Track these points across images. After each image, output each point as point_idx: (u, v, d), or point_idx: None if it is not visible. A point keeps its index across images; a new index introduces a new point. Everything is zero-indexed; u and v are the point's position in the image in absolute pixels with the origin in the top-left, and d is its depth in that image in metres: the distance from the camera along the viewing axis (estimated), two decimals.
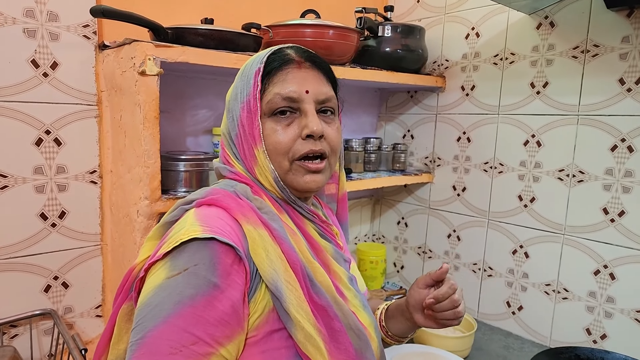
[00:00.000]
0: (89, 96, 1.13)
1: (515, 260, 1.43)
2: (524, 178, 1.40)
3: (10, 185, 1.04)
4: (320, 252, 0.74)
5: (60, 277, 1.13)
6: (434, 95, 1.64)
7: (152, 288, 0.58)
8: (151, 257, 0.63)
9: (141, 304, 0.58)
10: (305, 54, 0.74)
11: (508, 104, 1.43)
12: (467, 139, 1.54)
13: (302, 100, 0.71)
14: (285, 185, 0.72)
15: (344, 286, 0.75)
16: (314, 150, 0.71)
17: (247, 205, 0.68)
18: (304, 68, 0.73)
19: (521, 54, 1.39)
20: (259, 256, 0.63)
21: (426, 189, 1.68)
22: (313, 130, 0.70)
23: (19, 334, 1.09)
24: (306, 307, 0.64)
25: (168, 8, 1.24)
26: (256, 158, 0.71)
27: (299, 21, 1.23)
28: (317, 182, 0.73)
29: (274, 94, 0.70)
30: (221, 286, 0.58)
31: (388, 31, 1.44)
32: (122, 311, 0.67)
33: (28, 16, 1.02)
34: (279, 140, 0.70)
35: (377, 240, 1.89)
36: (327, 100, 0.74)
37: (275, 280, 0.62)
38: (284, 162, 0.71)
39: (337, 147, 0.75)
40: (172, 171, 1.09)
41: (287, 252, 0.66)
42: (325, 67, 0.77)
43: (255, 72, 0.71)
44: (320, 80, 0.74)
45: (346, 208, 0.95)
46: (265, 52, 0.74)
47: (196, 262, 0.58)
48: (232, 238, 0.61)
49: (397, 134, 1.77)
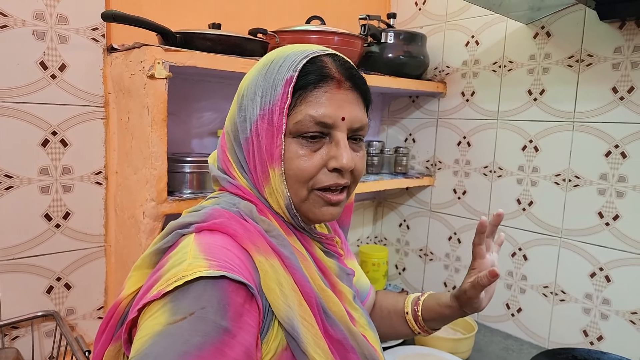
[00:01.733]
0: (96, 98, 1.13)
1: (515, 263, 1.45)
2: (522, 182, 1.43)
3: (15, 185, 1.04)
4: (328, 275, 0.68)
5: (63, 279, 1.13)
6: (435, 100, 1.67)
7: (150, 335, 0.49)
8: (143, 292, 0.54)
9: (137, 354, 0.48)
10: (346, 72, 0.64)
11: (506, 110, 1.46)
12: (467, 144, 1.57)
13: (336, 127, 0.62)
14: (298, 213, 0.65)
15: (349, 306, 0.70)
16: (339, 184, 0.64)
17: (254, 229, 0.60)
18: (344, 89, 0.63)
19: (519, 62, 1.43)
20: (273, 292, 0.56)
21: (427, 192, 1.70)
22: (343, 164, 0.62)
23: (20, 336, 1.08)
24: (323, 344, 0.59)
25: (176, 13, 1.25)
26: (269, 178, 0.63)
27: (305, 27, 1.25)
28: (333, 214, 0.66)
29: (305, 114, 0.61)
30: (232, 331, 0.50)
31: (391, 38, 1.47)
32: (108, 353, 0.59)
33: (38, 19, 1.03)
34: (303, 167, 0.61)
35: (379, 242, 1.91)
36: (360, 129, 0.66)
37: (291, 319, 0.56)
38: (301, 191, 0.63)
39: (360, 176, 0.68)
40: (178, 173, 1.09)
41: (300, 283, 0.60)
42: (365, 88, 0.68)
43: (287, 80, 0.61)
44: (358, 104, 0.66)
45: (350, 215, 0.90)
46: (300, 57, 0.63)
47: (203, 304, 0.50)
48: (243, 273, 0.53)
49: (399, 137, 1.79)
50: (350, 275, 0.76)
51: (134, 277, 0.60)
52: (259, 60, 0.69)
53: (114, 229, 1.17)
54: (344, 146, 0.62)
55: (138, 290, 0.58)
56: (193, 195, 1.07)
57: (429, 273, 1.71)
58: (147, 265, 0.61)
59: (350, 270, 0.76)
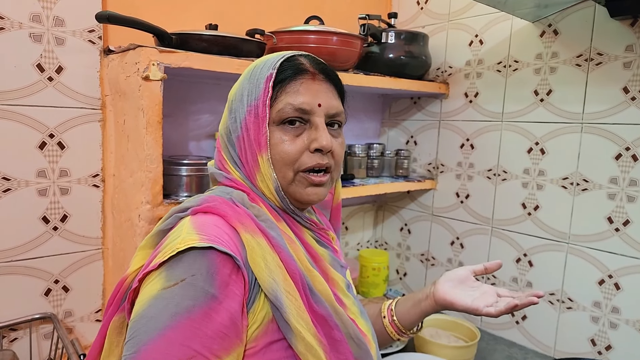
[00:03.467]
0: (93, 100, 1.13)
1: (519, 269, 1.42)
2: (527, 186, 1.39)
3: (13, 188, 1.05)
4: (319, 260, 0.73)
5: (60, 281, 1.13)
6: (437, 101, 1.64)
7: (147, 299, 0.56)
8: (145, 266, 0.61)
9: (135, 316, 0.56)
10: (319, 66, 0.73)
11: (512, 111, 1.42)
12: (471, 146, 1.54)
13: (314, 113, 0.70)
14: (286, 195, 0.71)
15: (342, 293, 0.74)
16: (321, 164, 0.70)
17: (245, 212, 0.66)
18: (318, 80, 0.71)
19: (525, 62, 1.39)
20: (258, 265, 0.61)
21: (429, 196, 1.67)
22: (323, 145, 0.69)
23: (18, 338, 1.09)
24: (306, 317, 0.63)
25: (173, 14, 1.24)
26: (259, 165, 0.70)
27: (302, 27, 1.23)
28: (319, 194, 0.72)
29: (285, 103, 0.69)
30: (219, 297, 0.56)
31: (392, 38, 1.44)
32: (113, 323, 0.65)
33: (34, 21, 1.03)
34: (287, 150, 0.69)
35: (380, 246, 1.88)
36: (337, 115, 0.73)
37: (275, 290, 0.61)
38: (288, 173, 0.69)
39: (340, 160, 0.75)
40: (174, 176, 1.09)
41: (285, 261, 0.65)
42: (337, 80, 0.76)
43: (267, 77, 0.69)
44: (332, 93, 0.73)
45: (339, 217, 0.94)
46: (278, 58, 0.72)
47: (193, 272, 0.56)
48: (231, 247, 0.60)
49: (400, 140, 1.77)
50: (344, 267, 0.81)
51: (139, 256, 0.67)
52: (245, 70, 0.76)
53: (112, 232, 1.17)
54: (323, 129, 0.70)
55: (142, 266, 0.64)
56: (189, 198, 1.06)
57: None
58: (150, 246, 0.68)
59: (344, 263, 0.81)
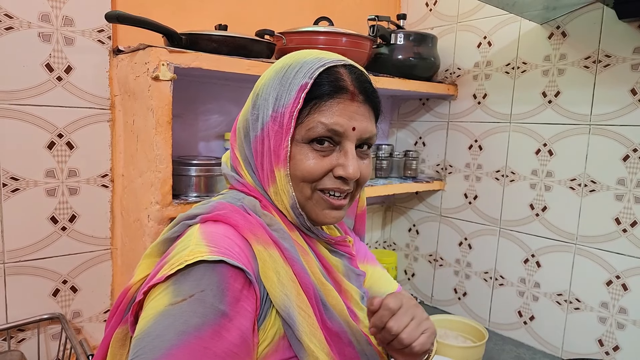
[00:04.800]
0: (102, 100, 1.13)
1: (527, 270, 1.42)
2: (535, 187, 1.39)
3: (22, 188, 1.04)
4: (332, 272, 0.70)
5: (69, 281, 1.13)
6: (445, 103, 1.64)
7: (153, 315, 0.52)
8: (150, 277, 0.58)
9: (140, 333, 0.52)
10: (361, 85, 0.66)
11: (520, 113, 1.42)
12: (479, 147, 1.54)
13: (346, 137, 0.64)
14: (303, 212, 0.66)
15: (355, 305, 0.70)
16: (342, 189, 0.66)
17: (256, 221, 0.63)
18: (357, 102, 0.65)
19: (533, 63, 1.39)
20: (270, 280, 0.58)
21: (437, 197, 1.67)
22: (349, 174, 0.64)
23: (26, 338, 1.08)
24: (320, 335, 0.60)
25: (183, 14, 1.24)
26: (275, 178, 0.65)
27: (312, 28, 1.23)
28: (336, 218, 0.67)
29: (318, 122, 0.63)
30: (230, 314, 0.53)
31: (401, 39, 1.44)
32: (116, 335, 0.62)
33: (44, 20, 1.03)
34: (311, 169, 0.63)
35: (388, 247, 1.88)
36: (369, 138, 0.68)
37: (287, 307, 0.58)
38: (306, 189, 0.65)
39: (365, 183, 0.70)
40: (184, 176, 1.08)
41: (299, 274, 0.61)
42: (377, 101, 0.69)
43: (301, 86, 0.63)
44: (369, 117, 0.68)
45: (364, 223, 0.90)
46: (316, 65, 0.64)
47: (203, 287, 0.53)
48: (242, 260, 0.56)
49: (408, 141, 1.77)
50: (361, 276, 0.76)
51: (144, 265, 0.64)
52: (277, 62, 0.70)
53: (120, 232, 1.17)
54: (352, 156, 0.65)
55: (147, 276, 0.61)
56: (199, 198, 1.06)
57: (438, 279, 1.68)
58: (156, 254, 0.64)
59: (360, 272, 0.77)
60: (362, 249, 0.89)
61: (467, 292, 1.59)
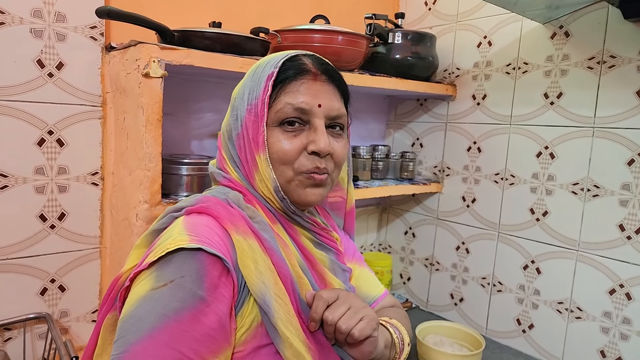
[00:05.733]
0: (94, 97, 1.12)
1: (527, 276, 1.38)
2: (536, 191, 1.36)
3: (10, 185, 1.03)
4: (315, 264, 0.72)
5: (57, 280, 1.12)
6: (444, 103, 1.61)
7: (136, 299, 0.56)
8: (137, 266, 0.61)
9: (124, 316, 0.56)
10: (322, 66, 0.71)
11: (520, 114, 1.39)
12: (478, 149, 1.50)
13: (313, 114, 0.68)
14: (286, 195, 0.69)
15: None
16: (320, 168, 0.68)
17: (238, 213, 0.65)
18: (320, 81, 0.70)
19: (535, 64, 1.36)
20: (248, 268, 0.61)
21: (435, 199, 1.64)
22: (320, 148, 0.67)
23: (13, 337, 1.07)
24: (296, 322, 0.62)
25: (178, 12, 1.23)
26: (257, 165, 0.69)
27: (307, 26, 1.21)
28: (317, 195, 0.70)
29: (284, 103, 0.67)
30: (208, 299, 0.56)
31: (398, 38, 1.42)
32: (106, 321, 0.65)
33: (35, 16, 1.02)
34: (284, 149, 0.67)
35: (384, 250, 1.85)
36: (338, 117, 0.71)
37: (264, 294, 0.60)
38: (287, 172, 0.68)
39: (342, 162, 0.73)
40: (174, 175, 1.07)
41: (277, 264, 0.64)
42: (341, 81, 0.74)
43: (268, 75, 0.68)
44: (334, 95, 0.72)
45: (353, 222, 0.92)
46: (281, 57, 0.71)
47: (182, 273, 0.56)
48: (220, 249, 0.59)
49: (405, 142, 1.74)
50: (347, 272, 0.79)
51: (134, 255, 0.68)
52: (250, 68, 0.76)
53: (110, 231, 1.15)
54: (321, 132, 0.68)
55: (135, 265, 0.63)
56: None
57: (434, 283, 1.64)
58: (145, 245, 0.68)
59: (346, 267, 0.80)
60: (351, 248, 0.90)
61: (464, 297, 1.55)
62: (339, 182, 0.88)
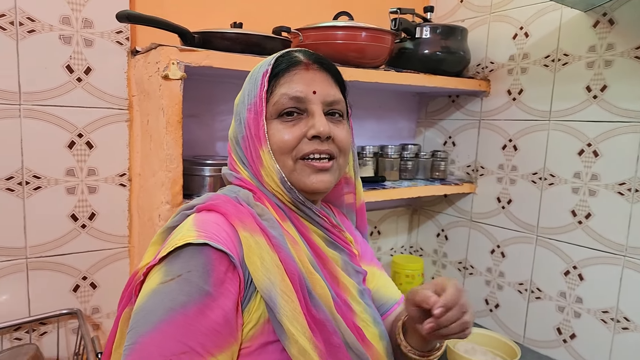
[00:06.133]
0: (121, 101, 1.14)
1: (568, 283, 1.29)
2: (578, 191, 1.26)
3: (43, 186, 1.08)
4: (327, 263, 0.72)
5: (88, 278, 1.16)
6: (477, 99, 1.53)
7: (146, 293, 0.58)
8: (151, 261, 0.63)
9: (136, 309, 0.58)
10: (312, 56, 0.74)
11: (560, 110, 1.30)
12: (514, 147, 1.42)
13: (309, 101, 0.70)
14: (292, 185, 0.70)
15: (352, 299, 0.72)
16: (320, 149, 0.69)
17: (247, 211, 0.67)
18: (312, 70, 0.72)
19: (576, 55, 1.26)
20: (254, 264, 0.61)
21: (468, 200, 1.57)
22: (319, 130, 0.68)
23: (47, 332, 1.12)
24: (302, 319, 0.61)
25: (201, 14, 1.24)
26: (262, 159, 0.70)
27: (329, 23, 1.18)
28: (324, 182, 0.70)
29: (280, 94, 0.70)
30: (214, 294, 0.57)
31: (426, 32, 1.36)
32: (124, 315, 0.67)
33: (64, 23, 1.06)
34: (283, 138, 0.69)
35: (415, 252, 1.80)
36: (334, 103, 0.72)
37: (269, 290, 0.60)
38: (288, 161, 0.70)
39: (346, 147, 0.74)
40: (197, 176, 1.08)
41: (285, 261, 0.64)
42: (333, 69, 0.76)
43: (263, 73, 0.71)
44: (328, 82, 0.73)
45: (365, 219, 0.92)
46: (274, 55, 0.74)
47: (190, 268, 0.58)
48: (227, 244, 0.60)
49: (437, 140, 1.67)
50: (360, 273, 0.79)
51: (149, 252, 0.69)
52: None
53: (137, 231, 1.18)
54: (319, 115, 0.70)
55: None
56: None
57: (468, 288, 1.57)
58: (159, 242, 0.70)
59: (360, 269, 0.79)
60: (369, 253, 0.89)
61: (499, 304, 1.47)
62: (350, 179, 0.87)
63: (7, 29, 1.00)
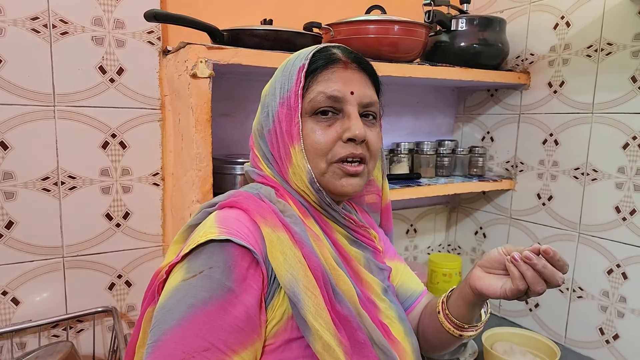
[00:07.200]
0: (153, 100, 1.15)
1: (611, 282, 1.23)
2: (622, 187, 1.20)
3: (78, 186, 1.09)
4: (350, 261, 0.72)
5: (123, 276, 1.17)
6: (517, 93, 1.47)
7: (169, 290, 0.58)
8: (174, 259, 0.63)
9: (158, 306, 0.58)
10: (351, 55, 0.72)
11: (604, 102, 1.23)
12: (555, 142, 1.36)
13: (346, 102, 0.69)
14: (321, 187, 0.70)
15: (376, 297, 0.72)
16: (355, 154, 0.69)
17: (269, 207, 0.66)
18: (350, 69, 0.71)
19: (620, 44, 1.19)
20: (276, 260, 0.61)
21: (507, 197, 1.52)
22: (356, 134, 0.67)
23: (84, 329, 1.14)
24: (326, 315, 0.60)
25: (232, 11, 1.24)
26: (291, 157, 0.69)
27: (361, 17, 1.16)
28: (354, 185, 0.70)
29: (317, 92, 0.68)
30: (236, 291, 0.56)
31: (462, 25, 1.31)
32: (147, 314, 0.67)
33: (96, 24, 1.06)
34: (319, 140, 0.68)
35: (453, 251, 1.76)
36: (370, 105, 0.72)
37: (293, 286, 0.60)
38: (321, 164, 0.69)
39: (376, 152, 0.73)
40: (228, 174, 1.07)
41: (308, 257, 0.63)
42: (371, 70, 0.75)
43: (299, 68, 0.69)
44: (366, 83, 0.72)
45: (390, 218, 0.92)
46: (311, 49, 0.72)
47: (211, 265, 0.57)
48: (249, 240, 0.60)
49: (475, 135, 1.62)
50: (385, 270, 0.79)
51: (172, 250, 0.70)
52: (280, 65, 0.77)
53: (171, 230, 1.19)
54: (355, 118, 0.68)
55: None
56: None
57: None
58: (182, 240, 0.70)
59: (384, 266, 0.79)
60: (391, 250, 0.89)
61: (539, 303, 1.42)
62: (373, 179, 0.87)
63: (41, 32, 1.01)
